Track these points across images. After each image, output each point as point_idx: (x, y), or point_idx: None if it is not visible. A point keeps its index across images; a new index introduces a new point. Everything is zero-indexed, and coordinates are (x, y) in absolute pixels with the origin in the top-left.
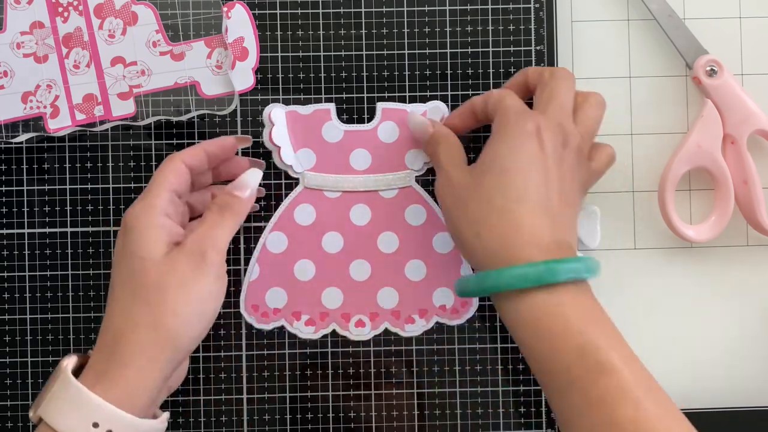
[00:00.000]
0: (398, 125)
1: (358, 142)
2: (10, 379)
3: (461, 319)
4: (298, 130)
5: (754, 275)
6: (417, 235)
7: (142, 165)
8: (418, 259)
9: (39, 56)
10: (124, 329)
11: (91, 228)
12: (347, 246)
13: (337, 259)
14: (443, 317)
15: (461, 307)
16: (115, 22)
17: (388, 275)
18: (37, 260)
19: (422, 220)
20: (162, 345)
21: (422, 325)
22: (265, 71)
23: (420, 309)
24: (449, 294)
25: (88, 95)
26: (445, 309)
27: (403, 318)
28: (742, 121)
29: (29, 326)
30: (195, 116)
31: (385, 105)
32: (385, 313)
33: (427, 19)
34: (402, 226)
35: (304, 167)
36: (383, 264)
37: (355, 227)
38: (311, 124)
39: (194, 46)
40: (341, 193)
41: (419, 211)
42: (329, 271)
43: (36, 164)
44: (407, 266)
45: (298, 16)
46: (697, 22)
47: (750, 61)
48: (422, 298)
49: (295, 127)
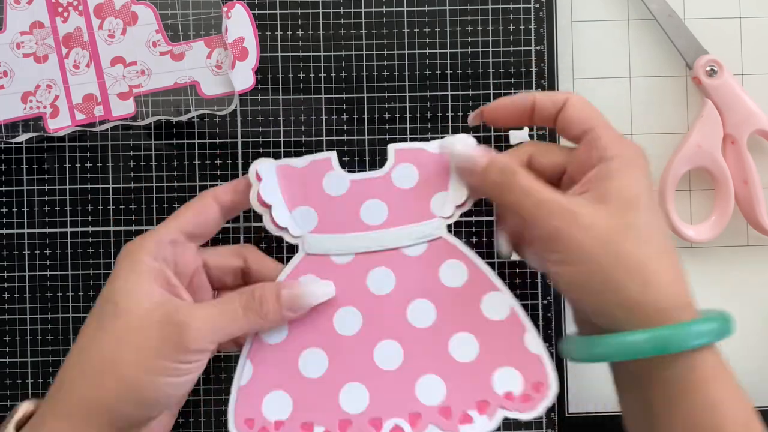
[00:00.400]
0: (416, 167)
1: (370, 192)
2: (10, 379)
3: (537, 409)
4: (294, 186)
5: (754, 275)
6: (459, 300)
7: (142, 165)
8: (465, 332)
9: (39, 56)
10: (68, 377)
11: (90, 228)
12: (368, 324)
13: (357, 344)
14: (511, 408)
15: (534, 392)
16: (115, 22)
17: (427, 358)
18: (36, 260)
19: (463, 279)
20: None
21: (484, 424)
22: (265, 71)
23: (478, 401)
24: (515, 375)
25: (88, 95)
26: (512, 397)
27: (455, 417)
28: (742, 121)
29: (29, 326)
30: (195, 116)
31: (398, 146)
32: (429, 412)
33: (427, 19)
34: (437, 289)
35: (303, 229)
36: (419, 343)
37: (375, 298)
38: (309, 178)
39: (194, 46)
40: (353, 256)
41: (458, 267)
42: (347, 360)
43: (36, 164)
44: (452, 343)
45: (298, 16)
46: (697, 22)
47: (750, 61)
48: (479, 384)
49: (289, 183)
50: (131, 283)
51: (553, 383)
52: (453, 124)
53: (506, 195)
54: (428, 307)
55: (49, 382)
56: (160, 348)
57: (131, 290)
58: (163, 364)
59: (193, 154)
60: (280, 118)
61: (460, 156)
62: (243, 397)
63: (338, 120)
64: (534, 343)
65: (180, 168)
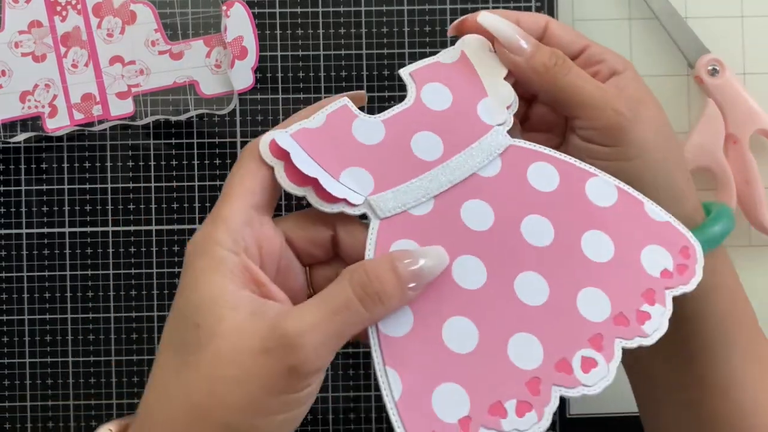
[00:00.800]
0: (443, 83)
1: (410, 127)
2: (8, 380)
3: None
4: (324, 151)
5: (755, 275)
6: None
7: (141, 165)
8: (590, 230)
9: (37, 55)
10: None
11: (89, 228)
12: (492, 266)
13: (493, 292)
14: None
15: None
16: (114, 21)
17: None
18: (35, 260)
19: (556, 179)
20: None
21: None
22: (265, 70)
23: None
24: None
25: (87, 95)
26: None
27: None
28: (744, 120)
29: (28, 326)
30: (194, 116)
31: (411, 69)
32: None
33: (427, 19)
34: (538, 199)
35: (363, 192)
36: (554, 261)
37: (482, 235)
38: (335, 134)
39: (193, 45)
40: (432, 201)
41: (544, 169)
42: (494, 314)
43: (34, 164)
44: (584, 247)
45: (298, 15)
46: (699, 21)
47: (752, 61)
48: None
49: (316, 149)
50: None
51: (695, 242)
52: None
53: (560, 80)
54: (540, 221)
55: (47, 383)
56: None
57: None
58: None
59: (192, 153)
60: (280, 117)
61: (505, 37)
62: (407, 412)
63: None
64: (656, 211)
65: (179, 168)
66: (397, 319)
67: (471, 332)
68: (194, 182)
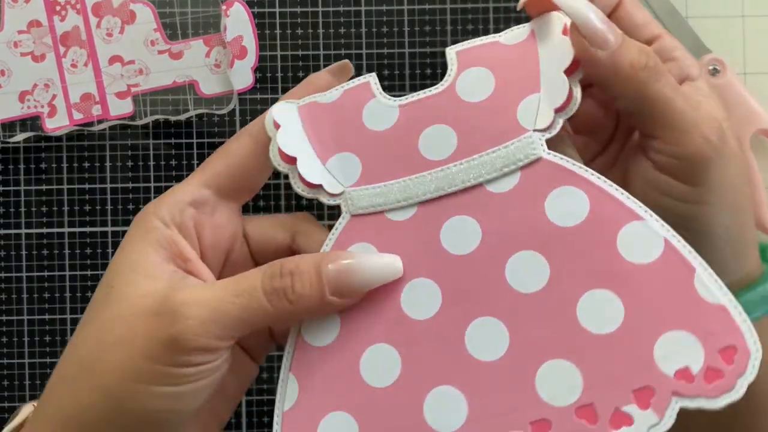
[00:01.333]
0: (491, 69)
1: (429, 116)
2: (8, 380)
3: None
4: (326, 129)
5: None
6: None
7: (141, 165)
8: (599, 288)
9: (36, 55)
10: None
11: (89, 228)
12: (450, 299)
13: (439, 329)
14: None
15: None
16: (113, 20)
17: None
18: (34, 260)
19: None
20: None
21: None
22: (265, 70)
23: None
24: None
25: (86, 94)
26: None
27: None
28: (744, 120)
29: (27, 327)
30: (193, 115)
31: (461, 47)
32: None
33: (427, 18)
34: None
35: (344, 183)
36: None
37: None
38: (344, 114)
39: (193, 44)
40: (417, 207)
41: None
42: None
43: (33, 164)
44: (581, 307)
45: (298, 15)
46: (700, 21)
47: (753, 61)
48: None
49: (318, 126)
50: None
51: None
52: None
53: (649, 87)
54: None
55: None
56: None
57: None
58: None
59: (192, 153)
60: None
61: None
62: (290, 426)
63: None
64: (709, 287)
65: (179, 168)
66: (322, 327)
67: (394, 367)
68: None
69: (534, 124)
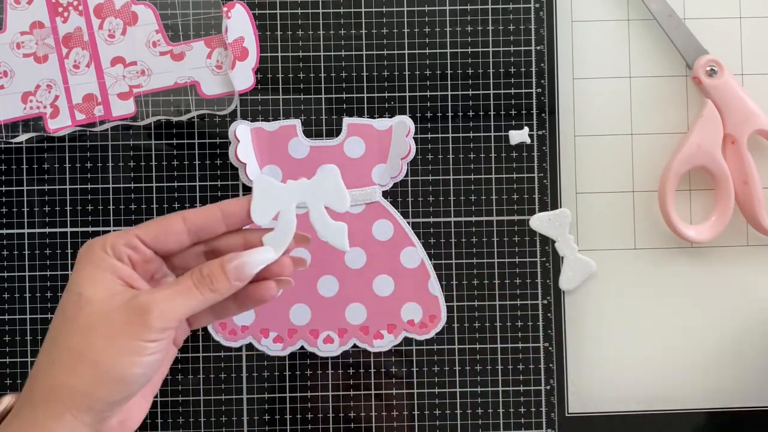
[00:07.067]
0: (364, 140)
1: (324, 158)
2: (10, 379)
3: (429, 333)
4: (264, 147)
5: (754, 275)
6: (384, 251)
7: (142, 165)
8: (386, 275)
9: (39, 56)
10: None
11: (90, 228)
12: (315, 262)
13: (306, 276)
14: (411, 332)
15: (429, 322)
16: (115, 22)
17: (356, 291)
18: (37, 260)
19: (389, 235)
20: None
21: (390, 341)
22: (265, 71)
23: (388, 324)
24: (417, 309)
25: (88, 95)
26: (413, 324)
27: (371, 333)
28: (742, 121)
29: (29, 326)
30: (195, 116)
31: (351, 120)
32: (353, 329)
33: (427, 19)
34: (369, 241)
35: None
36: (351, 280)
37: (322, 243)
38: (277, 141)
39: (194, 46)
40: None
41: (386, 226)
42: (297, 288)
43: (36, 164)
44: (375, 282)
45: (298, 16)
46: (697, 22)
47: (750, 61)
48: (390, 313)
49: (261, 143)
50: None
51: (443, 316)
52: (453, 124)
53: None
54: (361, 254)
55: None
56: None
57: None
58: (131, 345)
59: (193, 154)
60: (280, 118)
61: None
62: None
63: (338, 120)
64: (434, 287)
65: (180, 168)
66: None
67: None
68: (195, 182)
69: (379, 180)
